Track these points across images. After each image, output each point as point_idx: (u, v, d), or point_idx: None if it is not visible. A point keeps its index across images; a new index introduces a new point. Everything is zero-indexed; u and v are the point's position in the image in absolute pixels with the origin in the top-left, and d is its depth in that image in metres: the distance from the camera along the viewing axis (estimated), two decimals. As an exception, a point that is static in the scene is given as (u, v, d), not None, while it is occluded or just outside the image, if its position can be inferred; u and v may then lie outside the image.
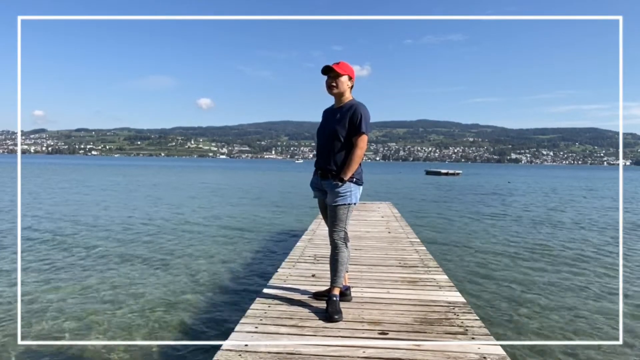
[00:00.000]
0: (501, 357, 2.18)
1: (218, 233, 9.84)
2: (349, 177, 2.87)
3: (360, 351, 2.24)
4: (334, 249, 2.96)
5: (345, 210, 2.91)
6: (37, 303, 4.92)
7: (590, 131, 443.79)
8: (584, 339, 4.17)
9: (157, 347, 3.90)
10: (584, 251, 8.40)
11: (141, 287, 5.64)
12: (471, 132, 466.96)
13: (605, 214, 14.89)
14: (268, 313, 2.79)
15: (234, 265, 6.93)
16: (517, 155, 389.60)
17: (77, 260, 7.02)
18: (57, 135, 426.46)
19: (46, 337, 4.06)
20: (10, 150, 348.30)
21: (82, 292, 5.37)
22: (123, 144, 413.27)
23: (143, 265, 6.80)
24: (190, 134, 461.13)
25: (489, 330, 2.54)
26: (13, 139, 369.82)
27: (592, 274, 6.65)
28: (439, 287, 3.40)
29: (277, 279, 3.59)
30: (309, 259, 4.39)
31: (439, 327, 2.58)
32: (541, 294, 5.56)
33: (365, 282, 3.56)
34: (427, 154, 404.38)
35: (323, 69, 2.93)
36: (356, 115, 2.85)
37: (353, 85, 3.01)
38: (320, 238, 5.53)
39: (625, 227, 11.66)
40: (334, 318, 2.67)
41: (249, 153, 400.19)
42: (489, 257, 7.66)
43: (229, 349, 2.25)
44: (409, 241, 5.45)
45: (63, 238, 8.79)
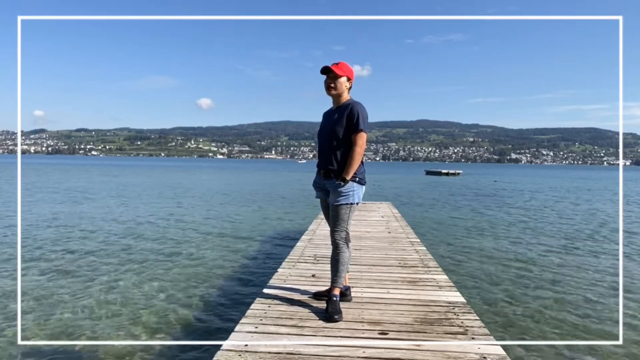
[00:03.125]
0: (501, 357, 2.18)
1: (218, 233, 9.84)
2: (352, 176, 2.88)
3: (360, 351, 2.24)
4: (335, 249, 2.96)
5: (347, 210, 2.91)
6: (38, 303, 4.93)
7: (590, 131, 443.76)
8: (584, 339, 4.17)
9: (157, 347, 3.90)
10: (584, 251, 8.41)
11: (141, 287, 5.64)
12: (471, 132, 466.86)
13: (605, 214, 14.89)
14: (268, 313, 2.79)
15: (234, 265, 6.93)
16: (517, 155, 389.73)
17: (77, 260, 7.02)
18: (57, 135, 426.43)
19: (46, 337, 4.06)
20: (10, 150, 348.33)
21: (82, 292, 5.37)
22: (123, 144, 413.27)
23: (143, 265, 6.80)
24: (190, 134, 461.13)
25: (488, 330, 2.54)
26: (13, 139, 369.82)
27: (592, 273, 6.66)
28: (439, 287, 3.40)
29: (277, 279, 3.59)
30: (309, 259, 4.39)
31: (439, 327, 2.58)
32: (541, 294, 5.56)
33: (365, 282, 3.55)
34: (427, 154, 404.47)
35: (322, 69, 2.94)
36: (353, 114, 2.86)
37: (351, 86, 3.02)
38: (320, 238, 5.53)
39: (625, 227, 11.65)
40: (334, 318, 2.66)
41: (249, 153, 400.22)
42: (489, 257, 7.66)
43: (229, 349, 2.25)
44: (409, 241, 5.45)
45: (63, 238, 8.79)
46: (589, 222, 12.61)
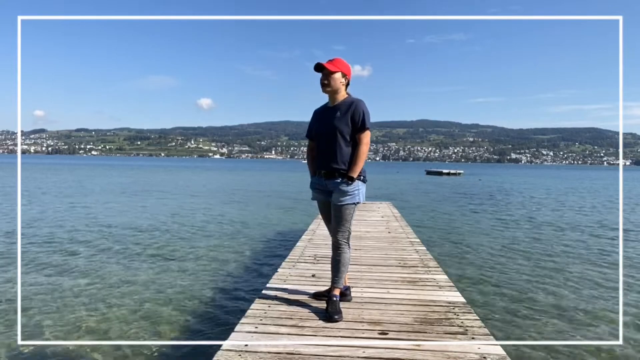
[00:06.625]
0: (501, 357, 2.18)
1: (218, 233, 9.85)
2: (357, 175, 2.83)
3: (360, 351, 2.24)
4: (336, 250, 2.92)
5: (351, 210, 2.88)
6: (37, 303, 4.92)
7: (590, 131, 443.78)
8: (584, 339, 4.17)
9: (157, 347, 3.89)
10: (584, 251, 8.40)
11: (141, 287, 5.64)
12: (471, 132, 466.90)
13: (605, 214, 14.89)
14: (268, 313, 2.79)
15: (234, 265, 6.93)
16: (517, 155, 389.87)
17: (77, 260, 7.02)
18: (57, 135, 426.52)
19: (46, 337, 4.06)
20: (10, 150, 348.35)
21: (82, 292, 5.37)
22: (123, 144, 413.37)
23: (143, 265, 6.80)
24: (190, 134, 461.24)
25: (488, 330, 2.54)
26: (13, 139, 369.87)
27: (592, 273, 6.65)
28: (439, 287, 3.40)
29: (277, 279, 3.59)
30: (309, 259, 4.39)
31: (439, 327, 2.58)
32: (541, 294, 5.56)
33: (365, 282, 3.55)
34: (427, 154, 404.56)
35: (315, 67, 2.84)
36: (358, 112, 2.80)
37: (349, 83, 2.91)
38: (320, 238, 5.53)
39: (625, 227, 11.65)
40: (334, 318, 2.66)
41: (249, 153, 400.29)
42: (489, 257, 7.66)
43: (229, 349, 2.25)
44: (409, 241, 5.45)
45: (63, 238, 8.79)
46: (590, 222, 12.60)
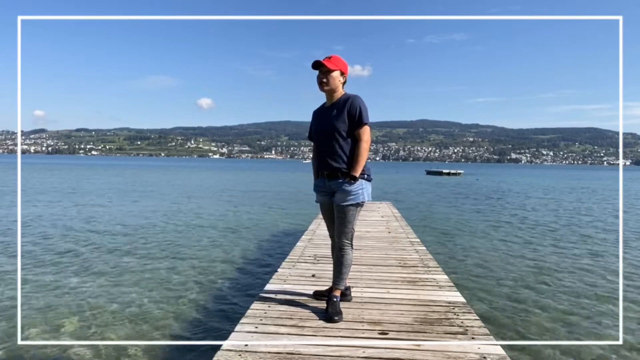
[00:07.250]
0: (501, 357, 2.18)
1: (218, 233, 9.84)
2: (360, 174, 2.75)
3: (360, 351, 2.24)
4: (339, 251, 2.87)
5: (355, 211, 2.80)
6: (37, 303, 4.93)
7: (590, 131, 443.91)
8: (584, 339, 4.17)
9: (157, 347, 3.90)
10: (584, 251, 8.40)
11: (141, 287, 5.64)
12: (471, 132, 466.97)
13: (604, 215, 14.89)
14: (268, 313, 2.79)
15: (234, 265, 6.93)
16: (517, 155, 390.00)
17: (77, 260, 7.02)
18: (57, 135, 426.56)
19: (46, 337, 4.06)
20: (10, 150, 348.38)
21: (82, 292, 5.37)
22: (123, 144, 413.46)
23: (143, 265, 6.80)
24: (190, 134, 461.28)
25: (489, 330, 2.54)
26: (13, 139, 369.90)
27: (592, 273, 6.65)
28: (439, 287, 3.40)
29: (277, 279, 3.59)
30: (309, 259, 4.39)
31: (439, 327, 2.58)
32: (541, 294, 5.56)
33: (365, 282, 3.55)
34: (427, 154, 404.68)
35: (313, 64, 2.76)
36: (355, 108, 2.72)
37: (346, 81, 2.85)
38: (320, 238, 5.53)
39: (625, 227, 11.65)
40: (334, 319, 2.65)
41: (249, 153, 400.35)
42: (489, 257, 7.66)
43: (229, 349, 2.25)
44: (409, 241, 5.45)
45: (63, 238, 8.79)
46: (590, 222, 12.60)
